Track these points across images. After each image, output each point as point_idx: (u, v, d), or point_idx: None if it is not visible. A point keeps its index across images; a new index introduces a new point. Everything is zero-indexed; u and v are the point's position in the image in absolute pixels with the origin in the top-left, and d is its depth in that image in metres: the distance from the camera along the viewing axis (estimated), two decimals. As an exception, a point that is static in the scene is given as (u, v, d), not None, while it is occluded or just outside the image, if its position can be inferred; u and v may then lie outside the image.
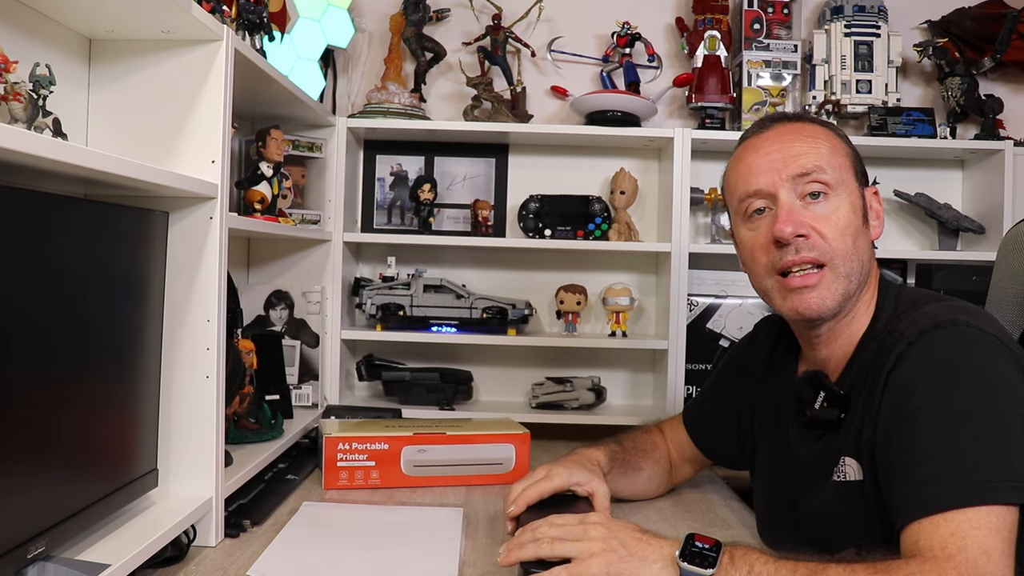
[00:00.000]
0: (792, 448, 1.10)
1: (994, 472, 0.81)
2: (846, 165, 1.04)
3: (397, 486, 1.48)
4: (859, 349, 1.03)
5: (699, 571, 0.85)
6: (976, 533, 0.78)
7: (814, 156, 1.02)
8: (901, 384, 0.91)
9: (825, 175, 1.01)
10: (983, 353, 0.89)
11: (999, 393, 0.86)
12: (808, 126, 1.06)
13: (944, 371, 0.89)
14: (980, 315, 0.95)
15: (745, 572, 0.84)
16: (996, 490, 0.80)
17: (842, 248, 0.99)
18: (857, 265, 1.01)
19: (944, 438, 0.85)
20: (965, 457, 0.83)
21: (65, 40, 1.14)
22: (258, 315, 1.89)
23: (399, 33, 2.10)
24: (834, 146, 1.04)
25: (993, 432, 0.84)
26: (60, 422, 0.90)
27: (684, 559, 0.86)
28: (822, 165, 1.01)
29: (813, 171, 1.01)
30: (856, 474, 0.98)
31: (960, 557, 0.77)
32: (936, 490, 0.82)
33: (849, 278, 1.00)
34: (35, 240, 0.84)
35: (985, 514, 0.79)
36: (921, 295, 1.03)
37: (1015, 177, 1.96)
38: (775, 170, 1.02)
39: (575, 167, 2.16)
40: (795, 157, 1.02)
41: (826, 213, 1.00)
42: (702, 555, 0.86)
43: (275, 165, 1.54)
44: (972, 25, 2.13)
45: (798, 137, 1.04)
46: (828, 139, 1.05)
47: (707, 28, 2.08)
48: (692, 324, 2.02)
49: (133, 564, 0.95)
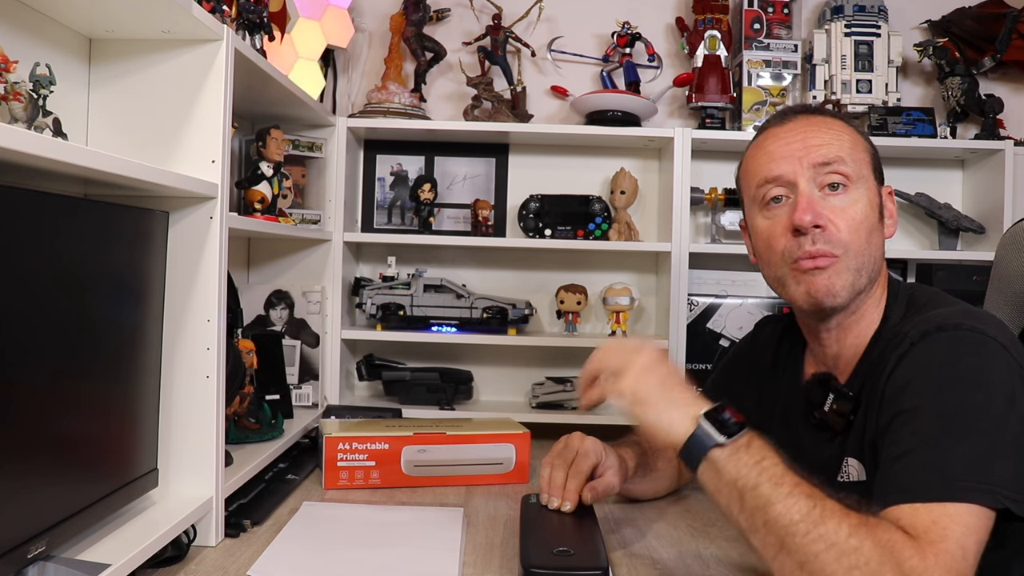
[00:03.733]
0: (803, 450, 1.09)
1: (971, 473, 0.81)
2: (866, 160, 1.04)
3: (397, 486, 1.48)
4: (868, 350, 1.03)
5: (713, 433, 0.87)
6: (955, 528, 0.78)
7: (836, 147, 1.02)
8: (897, 383, 0.91)
9: (846, 167, 1.01)
10: (983, 357, 0.88)
11: (992, 398, 0.85)
12: (831, 119, 1.07)
13: (939, 372, 0.89)
14: (988, 320, 0.94)
15: (756, 460, 0.85)
16: (971, 490, 0.80)
17: (856, 242, 1.00)
18: (869, 261, 1.01)
19: (929, 436, 0.84)
20: (946, 456, 0.82)
21: (65, 40, 1.14)
22: (258, 315, 1.89)
23: (399, 33, 2.10)
24: (855, 140, 1.05)
25: (979, 435, 0.83)
26: (60, 422, 0.90)
27: (708, 419, 0.88)
28: (844, 156, 1.01)
29: (835, 161, 1.01)
30: (859, 475, 0.98)
31: (941, 546, 0.77)
32: (914, 481, 0.82)
33: (860, 272, 1.00)
34: (35, 240, 0.84)
35: (964, 512, 0.79)
36: (931, 296, 1.03)
37: (1015, 177, 1.96)
38: (796, 158, 1.02)
39: (575, 167, 2.16)
40: (817, 147, 1.02)
41: (844, 205, 1.00)
42: (725, 424, 0.88)
43: (275, 165, 1.54)
44: (972, 25, 2.13)
45: (821, 128, 1.04)
46: (850, 133, 1.05)
47: (707, 28, 2.08)
48: (692, 324, 2.02)
49: (133, 564, 0.95)
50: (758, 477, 0.84)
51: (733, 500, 0.85)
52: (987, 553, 0.81)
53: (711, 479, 0.88)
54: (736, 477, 0.85)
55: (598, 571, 0.97)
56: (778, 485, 0.82)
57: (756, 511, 0.83)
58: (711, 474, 0.88)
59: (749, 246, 1.14)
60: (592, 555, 1.00)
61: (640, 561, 1.12)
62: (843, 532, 0.77)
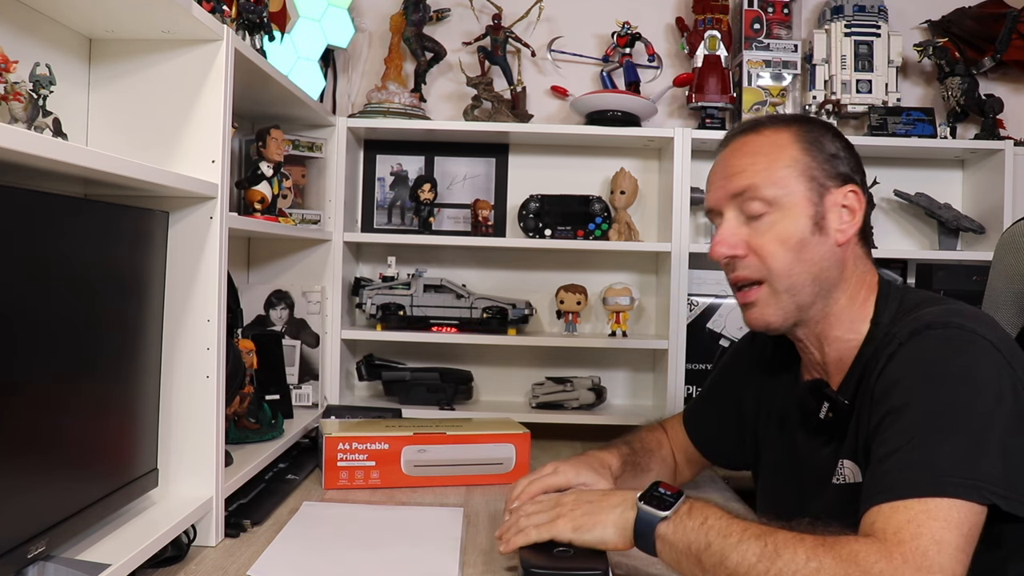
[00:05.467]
0: (799, 453, 1.10)
1: (957, 469, 0.81)
2: (791, 176, 1.01)
3: (397, 486, 1.48)
4: (860, 353, 1.02)
5: (654, 511, 0.92)
6: (932, 524, 0.78)
7: (750, 174, 1.02)
8: (886, 382, 0.92)
9: (762, 192, 1.01)
10: (971, 355, 0.89)
11: (979, 396, 0.86)
12: (754, 139, 1.05)
13: (926, 369, 0.89)
14: (978, 318, 0.94)
15: (699, 523, 0.88)
16: (956, 486, 0.80)
17: (780, 265, 1.00)
18: (805, 277, 1.01)
19: (915, 433, 0.85)
20: (932, 452, 0.83)
21: (65, 40, 1.14)
22: (258, 315, 1.89)
23: (399, 33, 2.10)
24: (777, 158, 1.02)
25: (965, 432, 0.84)
26: (60, 422, 0.90)
27: (644, 501, 0.93)
28: (757, 183, 1.01)
29: (747, 190, 1.02)
30: (854, 476, 0.98)
31: (911, 544, 0.77)
32: (899, 479, 0.83)
33: (792, 292, 1.01)
34: (35, 240, 0.84)
35: (945, 507, 0.79)
36: (923, 298, 1.02)
37: (1015, 177, 1.96)
38: (720, 188, 1.06)
39: (575, 167, 2.16)
40: (733, 177, 1.04)
41: (764, 230, 1.02)
42: (662, 500, 0.93)
43: (275, 165, 1.54)
44: (972, 25, 2.13)
45: (739, 154, 1.05)
46: (772, 151, 1.03)
47: (707, 28, 2.08)
48: (692, 324, 2.02)
49: (133, 564, 0.95)
50: (707, 536, 0.87)
51: (693, 565, 0.88)
52: (983, 554, 0.81)
53: (668, 553, 0.91)
54: (688, 543, 0.88)
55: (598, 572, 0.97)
56: (726, 537, 0.85)
57: (716, 568, 0.85)
58: (666, 549, 0.91)
59: None
60: (592, 555, 1.00)
61: (640, 561, 1.11)
62: (800, 558, 0.79)
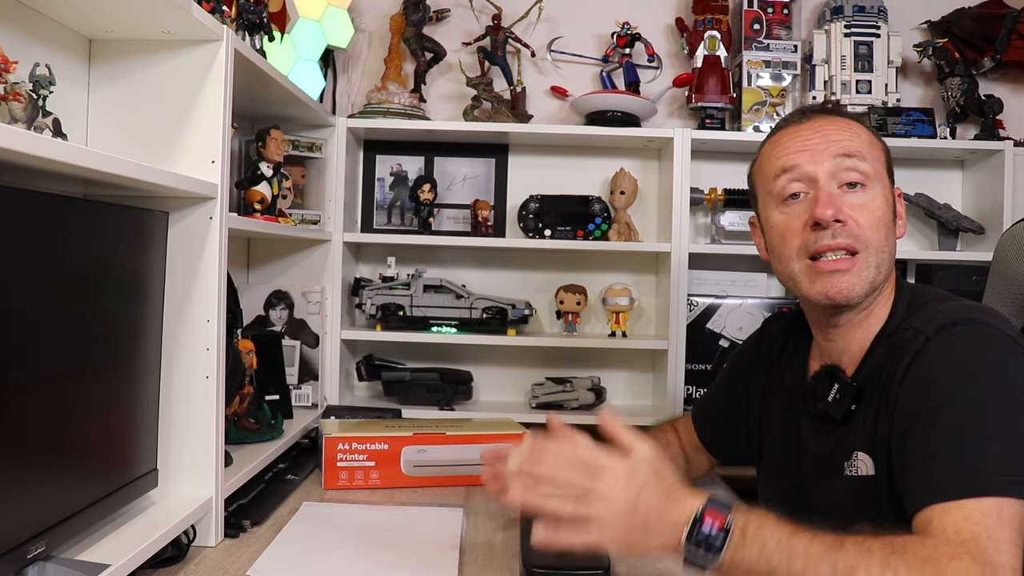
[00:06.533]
0: (803, 442, 1.10)
1: (1007, 467, 0.83)
2: (882, 160, 1.06)
3: (397, 486, 1.48)
4: (873, 346, 1.04)
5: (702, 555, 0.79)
6: (987, 521, 0.80)
7: (856, 143, 1.03)
8: (919, 380, 0.92)
9: (865, 163, 1.02)
10: (1000, 352, 0.91)
11: (1012, 394, 0.88)
12: (849, 120, 1.08)
13: (961, 368, 0.91)
14: (996, 315, 0.97)
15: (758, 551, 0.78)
16: (1008, 484, 0.82)
17: (876, 238, 1.01)
18: (887, 257, 1.02)
19: (959, 433, 0.86)
20: (979, 451, 0.84)
21: (65, 40, 1.14)
22: (258, 315, 1.89)
23: (399, 33, 2.10)
24: (873, 140, 1.06)
25: (1006, 429, 0.85)
26: (60, 422, 0.90)
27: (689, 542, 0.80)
28: (863, 152, 1.02)
29: (855, 155, 1.02)
30: (868, 469, 0.98)
31: (973, 543, 0.78)
32: (950, 480, 0.84)
33: (879, 268, 1.01)
34: (35, 240, 0.84)
35: (997, 505, 0.81)
36: (935, 294, 1.04)
37: (1015, 177, 1.96)
38: (817, 151, 1.03)
39: (575, 167, 2.16)
40: (838, 141, 1.03)
41: (863, 202, 1.01)
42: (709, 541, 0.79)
43: (275, 165, 1.54)
44: (972, 25, 2.13)
45: (840, 125, 1.06)
46: (867, 134, 1.07)
47: (707, 28, 2.08)
48: (692, 324, 2.02)
49: (133, 564, 0.95)
50: (768, 564, 0.78)
51: None
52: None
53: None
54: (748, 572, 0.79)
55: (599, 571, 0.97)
56: (792, 560, 0.77)
57: None
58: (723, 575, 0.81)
59: (760, 242, 1.15)
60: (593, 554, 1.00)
61: (641, 561, 1.11)
62: (874, 570, 0.75)
